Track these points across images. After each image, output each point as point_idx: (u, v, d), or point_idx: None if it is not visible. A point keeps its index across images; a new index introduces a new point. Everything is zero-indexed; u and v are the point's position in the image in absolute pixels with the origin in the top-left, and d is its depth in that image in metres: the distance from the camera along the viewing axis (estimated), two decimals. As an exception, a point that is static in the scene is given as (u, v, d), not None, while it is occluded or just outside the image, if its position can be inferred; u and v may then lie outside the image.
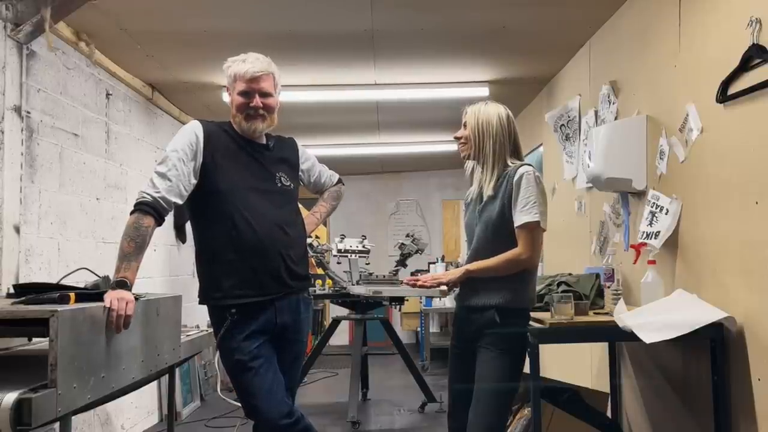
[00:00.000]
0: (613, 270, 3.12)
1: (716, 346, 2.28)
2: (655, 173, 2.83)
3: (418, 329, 7.52)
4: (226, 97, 2.42)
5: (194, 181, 2.22)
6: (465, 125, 2.40)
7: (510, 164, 2.33)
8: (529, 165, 2.31)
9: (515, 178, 2.26)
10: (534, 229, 2.24)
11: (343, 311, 5.25)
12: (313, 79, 4.48)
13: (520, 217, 2.23)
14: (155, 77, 4.37)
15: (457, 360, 2.42)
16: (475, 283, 2.30)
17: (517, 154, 2.37)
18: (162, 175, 2.15)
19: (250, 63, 2.26)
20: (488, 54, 4.06)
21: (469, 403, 2.29)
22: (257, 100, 2.27)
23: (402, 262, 5.09)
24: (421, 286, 2.36)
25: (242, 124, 2.29)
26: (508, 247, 2.25)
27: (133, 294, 2.08)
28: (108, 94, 3.92)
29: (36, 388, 1.73)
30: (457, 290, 2.41)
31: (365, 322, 4.93)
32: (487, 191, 2.32)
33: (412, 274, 6.67)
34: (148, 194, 2.13)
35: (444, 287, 2.37)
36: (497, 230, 2.28)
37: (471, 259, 2.35)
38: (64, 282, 2.33)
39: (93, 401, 1.99)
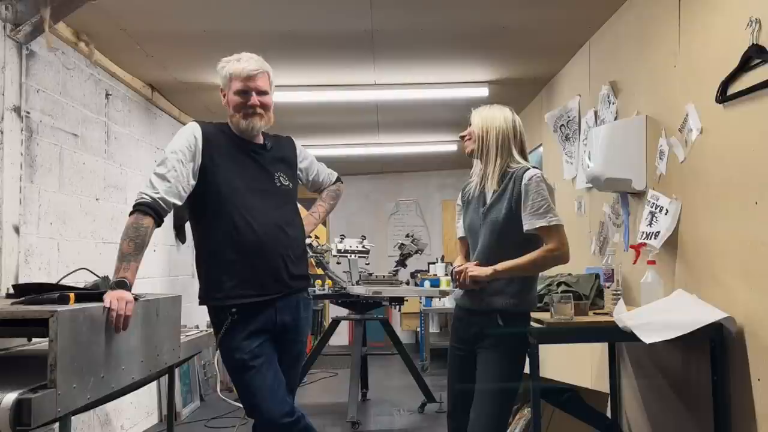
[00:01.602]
0: (612, 270, 3.12)
1: (716, 346, 2.28)
2: (655, 173, 2.83)
3: (418, 329, 7.52)
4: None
5: (193, 182, 2.22)
6: (470, 124, 2.40)
7: (514, 163, 2.31)
8: (536, 168, 2.29)
9: (524, 181, 2.24)
10: (558, 228, 2.23)
11: (342, 311, 5.24)
12: (313, 79, 4.48)
13: (538, 221, 2.21)
14: (155, 77, 4.36)
15: (457, 361, 2.41)
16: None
17: (522, 153, 2.35)
18: (161, 177, 2.16)
19: (245, 62, 2.27)
20: (488, 54, 4.06)
21: (469, 403, 2.29)
22: (255, 98, 2.27)
23: (402, 263, 5.09)
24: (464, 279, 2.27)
25: (240, 122, 2.29)
26: (517, 249, 2.24)
27: (133, 294, 2.08)
28: (108, 95, 3.92)
29: (35, 389, 1.73)
30: (460, 290, 2.39)
31: (365, 322, 4.92)
32: (491, 187, 2.31)
33: (413, 275, 6.70)
34: (147, 195, 2.13)
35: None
36: (504, 232, 2.26)
37: (477, 261, 2.32)
38: (64, 282, 2.33)
39: (92, 401, 1.98)
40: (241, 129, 2.30)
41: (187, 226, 4.89)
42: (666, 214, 2.69)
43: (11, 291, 2.38)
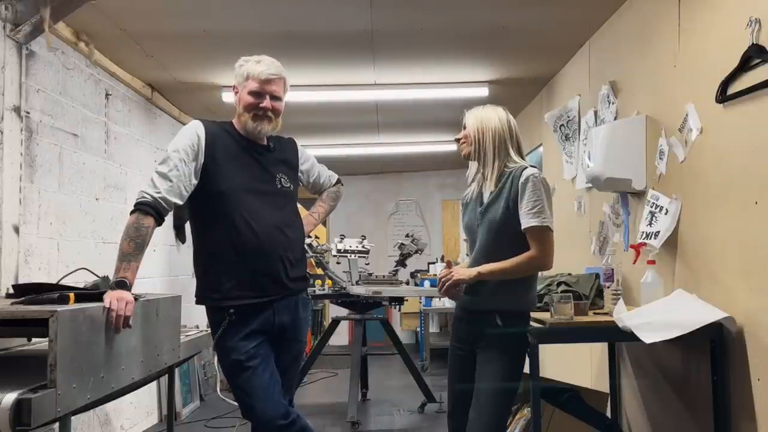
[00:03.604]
0: (612, 270, 3.12)
1: (716, 346, 2.27)
2: (655, 173, 2.83)
3: (418, 329, 7.52)
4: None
5: (195, 182, 2.22)
6: (465, 126, 2.40)
7: (512, 163, 2.31)
8: (534, 167, 2.29)
9: (521, 179, 2.23)
10: (545, 233, 2.23)
11: (342, 311, 5.24)
12: (313, 79, 4.48)
13: (528, 221, 2.21)
14: (155, 77, 4.36)
15: (458, 361, 2.41)
16: (477, 286, 2.28)
17: (519, 152, 2.35)
18: (163, 176, 2.15)
19: (265, 65, 2.27)
20: (488, 54, 4.06)
21: (469, 403, 2.29)
22: (268, 102, 2.27)
23: (401, 263, 5.09)
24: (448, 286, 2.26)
25: (248, 123, 2.28)
26: (514, 248, 2.23)
27: (133, 294, 2.08)
28: (107, 95, 3.92)
29: (35, 389, 1.73)
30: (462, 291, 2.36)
31: (365, 322, 4.92)
32: (489, 188, 2.30)
33: (412, 275, 6.71)
34: (148, 194, 2.13)
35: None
36: (501, 232, 2.26)
37: (475, 261, 2.32)
38: (64, 282, 2.33)
39: (92, 401, 1.99)
40: (248, 130, 2.30)
41: (187, 225, 4.89)
42: (666, 213, 2.69)
43: (11, 291, 2.38)
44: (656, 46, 2.84)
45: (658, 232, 2.71)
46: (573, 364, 3.92)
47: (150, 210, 2.11)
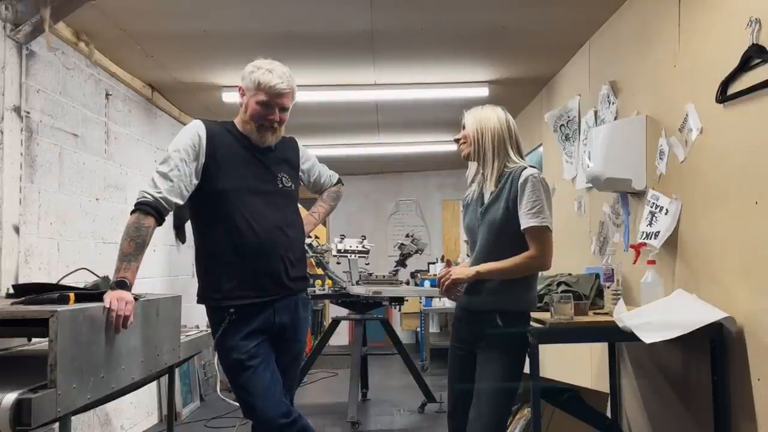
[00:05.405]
0: (612, 270, 3.12)
1: (716, 346, 2.28)
2: (655, 173, 2.83)
3: (418, 329, 7.52)
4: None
5: (196, 182, 2.22)
6: (464, 127, 2.40)
7: (511, 163, 2.31)
8: (533, 167, 2.29)
9: (520, 180, 2.23)
10: (544, 233, 2.23)
11: (342, 311, 5.24)
12: (313, 79, 4.48)
13: (528, 221, 2.21)
14: (155, 77, 4.36)
15: (458, 361, 2.41)
16: (477, 286, 2.28)
17: (519, 152, 2.35)
18: (164, 175, 2.15)
19: (278, 77, 2.23)
20: (488, 54, 4.06)
21: (470, 403, 2.29)
22: (276, 115, 2.27)
23: (402, 263, 5.09)
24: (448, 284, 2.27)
25: (253, 133, 2.28)
26: (514, 249, 2.23)
27: (133, 294, 2.08)
28: (108, 95, 3.92)
29: (35, 389, 1.73)
30: (462, 291, 2.36)
31: (365, 322, 4.93)
32: (489, 188, 2.31)
33: (413, 275, 6.71)
34: (149, 194, 2.13)
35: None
36: (502, 232, 2.26)
37: (476, 261, 2.31)
38: (64, 282, 2.33)
39: (93, 401, 1.99)
40: (252, 139, 2.30)
41: (188, 225, 4.89)
42: (666, 214, 2.69)
43: (11, 291, 2.38)
44: (656, 46, 2.84)
45: (658, 232, 2.71)
46: (573, 364, 3.92)
47: (151, 210, 2.11)
